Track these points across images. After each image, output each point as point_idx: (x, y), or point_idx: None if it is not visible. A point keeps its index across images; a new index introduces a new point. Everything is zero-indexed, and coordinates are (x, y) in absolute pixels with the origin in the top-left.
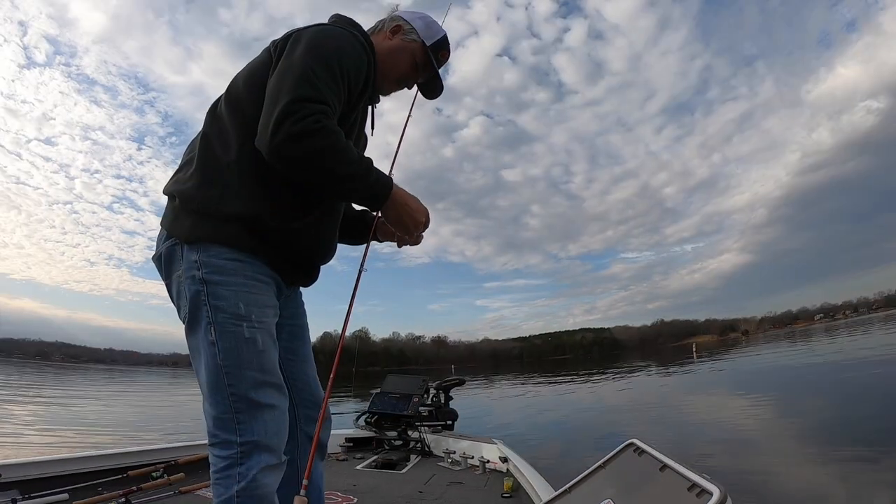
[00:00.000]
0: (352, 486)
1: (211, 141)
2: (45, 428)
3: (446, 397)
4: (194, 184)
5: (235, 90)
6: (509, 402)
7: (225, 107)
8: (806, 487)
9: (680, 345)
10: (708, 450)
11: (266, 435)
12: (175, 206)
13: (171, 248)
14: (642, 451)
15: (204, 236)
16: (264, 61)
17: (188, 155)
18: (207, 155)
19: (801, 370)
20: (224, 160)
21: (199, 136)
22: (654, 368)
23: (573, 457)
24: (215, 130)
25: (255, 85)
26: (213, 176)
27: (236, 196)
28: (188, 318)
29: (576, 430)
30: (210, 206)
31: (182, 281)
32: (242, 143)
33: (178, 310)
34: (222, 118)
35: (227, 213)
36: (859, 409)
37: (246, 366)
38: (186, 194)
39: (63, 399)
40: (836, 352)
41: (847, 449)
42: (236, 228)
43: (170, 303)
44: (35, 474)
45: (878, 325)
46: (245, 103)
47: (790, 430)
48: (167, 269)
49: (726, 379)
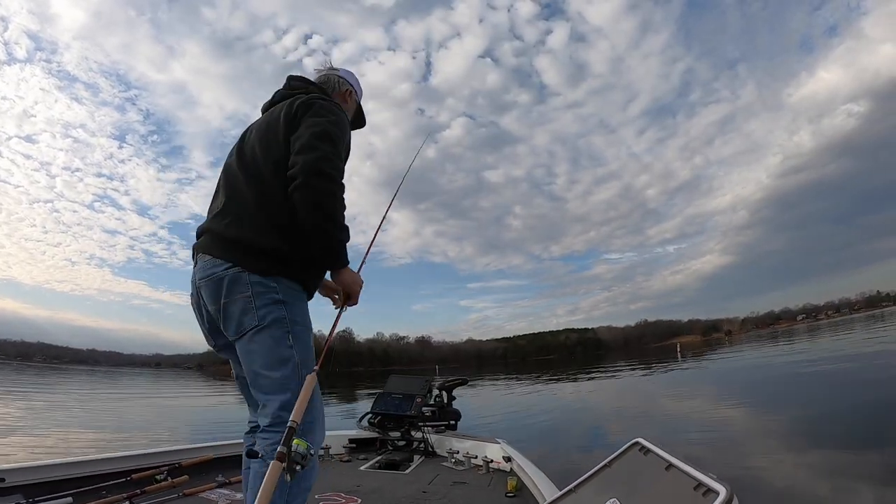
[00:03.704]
0: (356, 487)
1: (254, 193)
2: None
3: (449, 397)
4: (255, 232)
5: (268, 149)
6: (499, 402)
7: (260, 159)
8: (805, 487)
9: (663, 345)
10: (707, 449)
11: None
12: (243, 247)
13: (238, 275)
14: (648, 450)
15: (275, 271)
16: (277, 124)
17: (227, 200)
18: (255, 206)
19: (785, 368)
20: (271, 211)
21: (235, 185)
22: (640, 369)
23: (575, 456)
24: (252, 182)
25: (280, 143)
26: (270, 223)
27: (289, 241)
28: (260, 328)
29: (574, 430)
30: (279, 252)
31: (253, 300)
32: (284, 198)
33: (237, 322)
34: (254, 174)
35: (289, 256)
36: (846, 405)
37: (309, 363)
38: (253, 241)
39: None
40: (820, 350)
41: (837, 444)
42: (296, 266)
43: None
44: (39, 478)
45: (859, 324)
46: (275, 157)
47: (787, 429)
48: (229, 290)
49: (713, 378)
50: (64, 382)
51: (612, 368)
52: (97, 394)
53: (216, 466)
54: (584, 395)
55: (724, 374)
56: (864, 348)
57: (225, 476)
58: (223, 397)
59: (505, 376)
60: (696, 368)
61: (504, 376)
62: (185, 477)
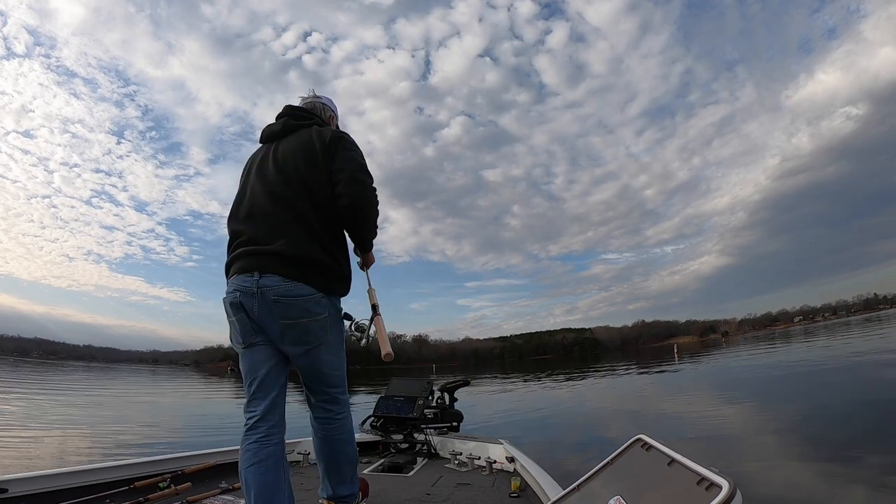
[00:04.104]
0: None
1: (306, 218)
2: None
3: (451, 399)
4: (319, 255)
5: (310, 174)
6: (498, 401)
7: (305, 185)
8: (804, 482)
9: (661, 345)
10: (705, 448)
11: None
12: (317, 271)
13: (319, 299)
14: (650, 446)
15: (339, 292)
16: (315, 152)
17: (284, 223)
18: (311, 230)
19: (783, 369)
20: (325, 236)
21: (285, 206)
22: (638, 369)
23: (577, 454)
24: (300, 205)
25: (321, 171)
26: (332, 248)
27: (346, 263)
28: (332, 340)
29: (575, 429)
30: (342, 273)
31: (330, 319)
32: (333, 220)
33: (314, 336)
34: (308, 193)
35: (346, 277)
36: (842, 407)
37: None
38: (321, 264)
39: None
40: (819, 351)
41: (833, 443)
42: (348, 284)
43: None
44: (41, 488)
45: (856, 327)
46: (317, 185)
47: (785, 427)
48: (310, 310)
49: (711, 379)
50: (61, 379)
51: (610, 368)
52: (101, 391)
53: (219, 473)
54: (582, 395)
55: (721, 374)
56: (861, 349)
57: (228, 483)
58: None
59: (502, 376)
60: (694, 369)
61: (501, 376)
62: (188, 484)
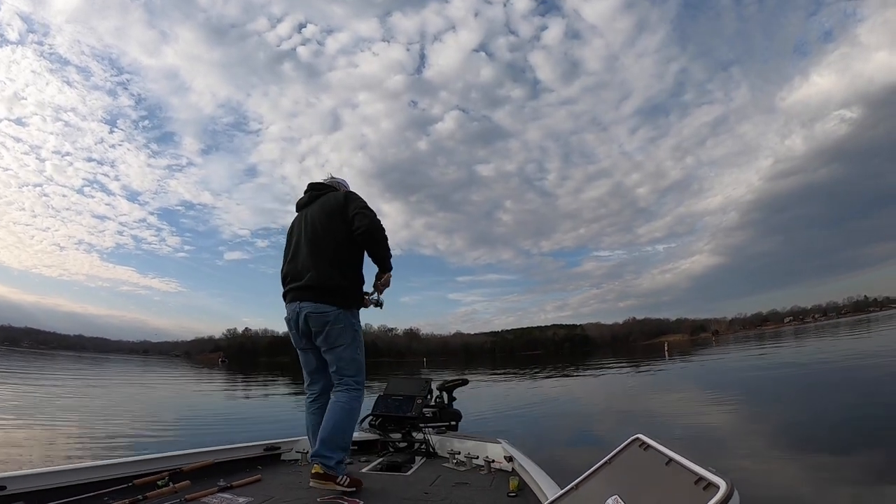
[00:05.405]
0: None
1: (332, 254)
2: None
3: (449, 398)
4: (341, 281)
5: (330, 224)
6: (491, 397)
7: (327, 232)
8: (800, 482)
9: (651, 343)
10: (704, 446)
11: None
12: (340, 294)
13: (341, 315)
14: (648, 445)
15: (355, 307)
16: (336, 208)
17: (315, 260)
18: (334, 263)
19: (773, 370)
20: (346, 265)
21: (317, 250)
22: (628, 366)
23: (575, 453)
24: (329, 247)
25: (338, 220)
26: (349, 273)
27: (357, 284)
28: (349, 342)
29: (571, 427)
30: (356, 292)
31: (345, 327)
32: (350, 254)
33: (336, 340)
34: (331, 237)
35: (359, 294)
36: (835, 404)
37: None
38: (342, 288)
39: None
40: (810, 353)
41: (828, 441)
42: (361, 299)
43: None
44: (40, 485)
45: (846, 328)
46: (336, 231)
47: (776, 427)
48: (334, 322)
49: (701, 378)
50: (52, 368)
51: (601, 365)
52: (93, 380)
53: (218, 471)
54: (575, 392)
55: (711, 373)
56: (854, 350)
57: (226, 480)
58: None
59: (492, 372)
60: (684, 367)
61: (492, 371)
62: (187, 482)
